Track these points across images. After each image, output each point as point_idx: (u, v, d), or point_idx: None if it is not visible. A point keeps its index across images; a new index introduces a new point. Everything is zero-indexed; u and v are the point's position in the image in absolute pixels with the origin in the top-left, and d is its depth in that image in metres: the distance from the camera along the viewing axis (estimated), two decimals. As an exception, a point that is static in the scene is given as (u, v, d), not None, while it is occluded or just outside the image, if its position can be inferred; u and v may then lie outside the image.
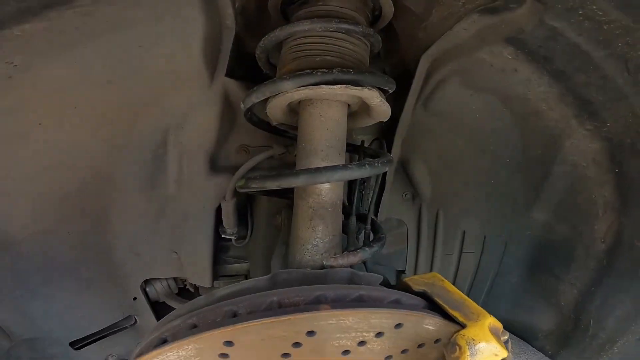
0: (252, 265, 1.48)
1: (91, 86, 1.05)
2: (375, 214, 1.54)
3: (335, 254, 1.08)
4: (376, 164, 0.96)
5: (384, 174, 1.45)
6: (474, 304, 0.98)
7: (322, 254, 1.07)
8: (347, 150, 1.32)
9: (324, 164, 1.05)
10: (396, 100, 1.36)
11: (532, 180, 1.35)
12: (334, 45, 1.03)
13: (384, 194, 1.47)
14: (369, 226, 1.17)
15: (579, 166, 1.23)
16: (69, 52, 0.95)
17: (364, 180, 1.39)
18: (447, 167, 1.44)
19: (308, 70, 0.93)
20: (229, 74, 1.21)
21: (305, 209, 1.06)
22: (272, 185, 0.92)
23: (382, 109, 1.03)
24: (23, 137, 1.09)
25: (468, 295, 1.69)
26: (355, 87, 0.91)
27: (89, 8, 0.87)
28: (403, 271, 1.67)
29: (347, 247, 1.18)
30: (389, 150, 1.39)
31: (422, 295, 1.00)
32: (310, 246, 1.07)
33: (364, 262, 1.23)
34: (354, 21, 1.05)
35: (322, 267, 1.03)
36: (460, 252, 1.58)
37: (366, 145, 1.45)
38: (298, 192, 1.08)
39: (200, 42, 1.03)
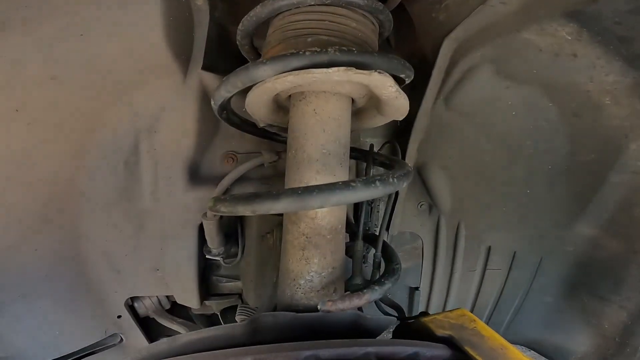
0: (245, 286, 1.21)
1: (31, 84, 0.78)
2: (387, 227, 1.24)
3: (335, 291, 0.80)
4: (391, 180, 0.65)
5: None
6: (517, 353, 0.68)
7: (318, 291, 0.78)
8: (352, 157, 1.02)
9: (319, 178, 0.75)
10: (411, 96, 1.05)
11: (580, 189, 1.02)
12: (331, 22, 0.72)
13: (396, 205, 1.17)
14: (379, 253, 0.87)
15: (643, 175, 0.90)
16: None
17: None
18: (472, 174, 1.12)
19: (292, 51, 0.62)
20: (209, 67, 0.92)
21: (296, 236, 0.77)
22: (245, 210, 0.63)
23: (398, 102, 0.73)
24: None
25: (491, 315, 1.41)
26: (360, 71, 0.61)
27: None
28: (417, 288, 1.37)
29: (352, 276, 0.89)
30: (404, 156, 1.08)
31: (447, 341, 0.71)
32: (303, 282, 0.78)
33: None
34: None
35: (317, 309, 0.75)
36: (485, 269, 1.27)
37: (377, 149, 1.15)
38: (287, 215, 0.79)
39: (161, 28, 0.74)
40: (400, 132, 1.14)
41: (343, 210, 0.80)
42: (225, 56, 0.97)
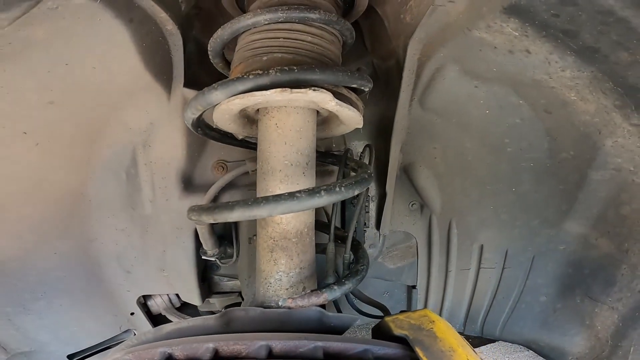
0: (242, 285, 1.29)
1: (32, 109, 0.90)
2: (378, 227, 1.27)
3: (304, 289, 0.86)
4: (337, 189, 0.70)
5: (384, 182, 1.17)
6: (464, 356, 0.70)
7: (287, 289, 0.85)
8: (329, 162, 1.08)
9: (283, 187, 0.81)
10: (390, 98, 1.08)
11: (564, 187, 1.00)
12: (285, 39, 0.78)
13: (385, 205, 1.20)
14: (347, 254, 0.92)
15: (624, 171, 0.88)
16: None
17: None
18: (457, 172, 1.13)
19: (239, 75, 0.69)
20: (192, 83, 1.00)
21: (265, 239, 0.84)
22: (208, 219, 0.71)
23: (344, 114, 0.77)
24: (-19, 166, 0.98)
25: (488, 313, 1.39)
26: (297, 91, 0.66)
27: None
28: (414, 286, 1.39)
29: (326, 275, 0.94)
30: (387, 157, 1.12)
31: (403, 340, 0.74)
32: (272, 280, 0.85)
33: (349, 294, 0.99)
34: (312, 7, 0.79)
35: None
36: (479, 267, 1.27)
37: (359, 152, 1.19)
38: (258, 220, 0.86)
39: (136, 54, 0.83)
40: (385, 134, 1.17)
41: (309, 215, 0.86)
42: (208, 70, 1.05)
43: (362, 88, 0.80)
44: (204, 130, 0.91)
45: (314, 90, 0.66)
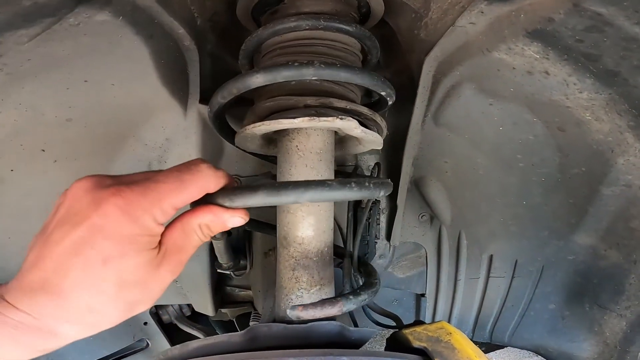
0: (255, 296, 1.29)
1: (50, 126, 0.89)
2: (388, 238, 1.27)
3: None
4: (367, 184, 0.68)
5: (395, 195, 1.17)
6: None
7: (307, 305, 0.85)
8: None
9: (304, 208, 0.81)
10: (402, 112, 1.08)
11: (575, 201, 1.01)
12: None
13: (396, 217, 1.20)
14: (355, 272, 0.93)
15: (634, 187, 0.89)
16: (4, 95, 0.79)
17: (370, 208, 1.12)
18: (468, 186, 1.14)
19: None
20: (207, 99, 1.00)
21: (287, 259, 0.84)
22: (224, 202, 0.66)
23: (367, 138, 0.77)
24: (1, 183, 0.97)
25: (497, 321, 1.41)
26: (324, 119, 0.66)
27: None
28: (423, 294, 1.40)
29: (342, 290, 0.94)
30: (397, 170, 1.12)
31: (422, 352, 0.75)
32: (294, 297, 0.85)
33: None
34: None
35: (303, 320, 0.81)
36: (488, 276, 1.28)
37: (370, 165, 1.19)
38: (279, 239, 0.86)
39: (154, 70, 0.83)
40: (396, 147, 1.17)
41: (329, 234, 0.86)
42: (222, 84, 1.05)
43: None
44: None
45: (340, 118, 0.66)
